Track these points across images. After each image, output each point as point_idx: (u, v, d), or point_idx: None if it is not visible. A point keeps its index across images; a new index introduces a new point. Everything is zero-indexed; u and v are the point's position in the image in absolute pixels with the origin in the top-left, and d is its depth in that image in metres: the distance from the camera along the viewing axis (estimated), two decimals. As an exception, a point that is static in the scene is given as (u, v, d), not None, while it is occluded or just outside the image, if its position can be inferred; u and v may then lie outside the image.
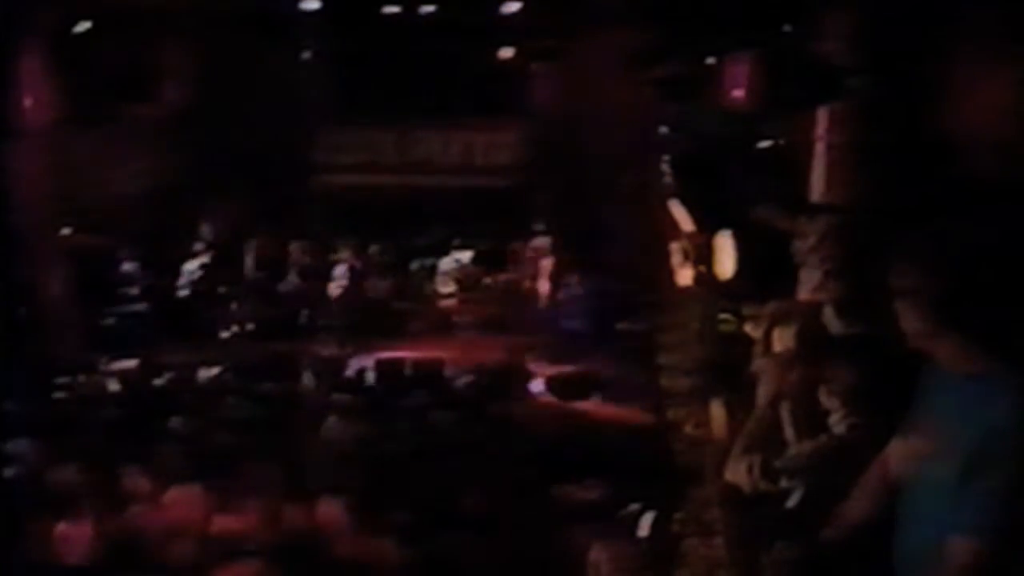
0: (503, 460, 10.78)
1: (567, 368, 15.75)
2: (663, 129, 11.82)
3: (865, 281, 7.46)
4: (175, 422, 11.84)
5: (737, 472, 6.69)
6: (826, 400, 6.66)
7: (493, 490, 9.77)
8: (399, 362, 15.79)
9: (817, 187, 8.55)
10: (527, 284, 20.47)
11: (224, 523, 8.74)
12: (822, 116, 8.51)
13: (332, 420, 12.06)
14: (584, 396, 14.51)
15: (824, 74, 8.19)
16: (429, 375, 15.07)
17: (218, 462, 10.15)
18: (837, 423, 6.57)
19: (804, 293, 8.31)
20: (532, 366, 15.90)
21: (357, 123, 22.55)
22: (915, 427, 4.34)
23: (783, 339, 6.96)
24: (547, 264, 19.91)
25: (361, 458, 10.67)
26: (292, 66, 22.00)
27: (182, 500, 9.04)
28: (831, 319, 7.64)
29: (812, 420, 6.69)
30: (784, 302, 7.80)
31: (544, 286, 19.84)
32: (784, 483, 6.63)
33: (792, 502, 6.52)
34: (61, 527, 8.56)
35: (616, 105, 16.95)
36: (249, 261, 20.30)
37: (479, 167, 22.77)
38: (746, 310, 9.03)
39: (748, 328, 8.60)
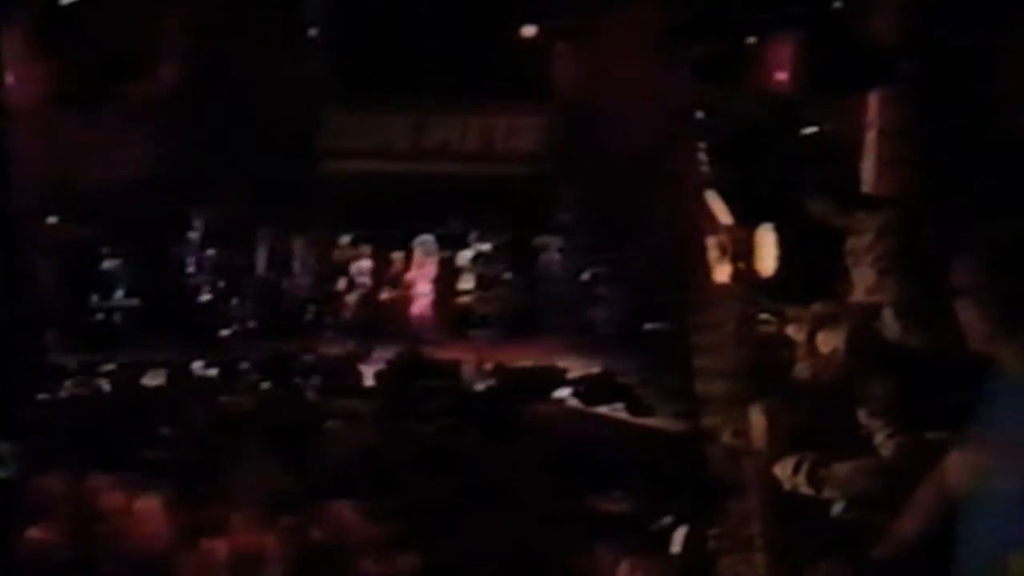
0: (523, 469, 10.79)
1: (593, 370, 15.75)
2: (698, 114, 11.79)
3: (926, 281, 7.45)
4: (167, 427, 11.90)
5: (784, 468, 6.72)
6: (866, 420, 6.67)
7: (512, 502, 9.78)
8: (413, 363, 15.81)
9: (867, 178, 8.53)
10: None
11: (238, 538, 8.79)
12: (873, 101, 8.50)
13: (339, 425, 12.09)
14: (611, 400, 14.50)
15: (875, 55, 8.17)
16: (445, 377, 15.09)
17: (213, 470, 10.20)
18: (883, 442, 6.58)
19: (858, 294, 8.27)
20: (555, 368, 15.91)
21: (367, 106, 22.59)
22: (976, 439, 4.33)
23: (829, 342, 6.97)
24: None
25: (369, 465, 10.69)
26: (296, 43, 21.99)
27: (155, 512, 9.10)
28: (889, 322, 7.61)
29: (852, 433, 6.72)
30: (830, 303, 7.80)
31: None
32: (828, 493, 6.65)
33: (836, 512, 6.54)
34: (30, 534, 8.63)
35: (647, 87, 16.88)
36: (262, 255, 20.34)
37: (499, 154, 22.81)
38: (788, 311, 9.02)
39: (790, 330, 8.61)
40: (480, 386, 14.86)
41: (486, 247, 21.54)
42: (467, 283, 21.11)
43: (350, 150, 22.51)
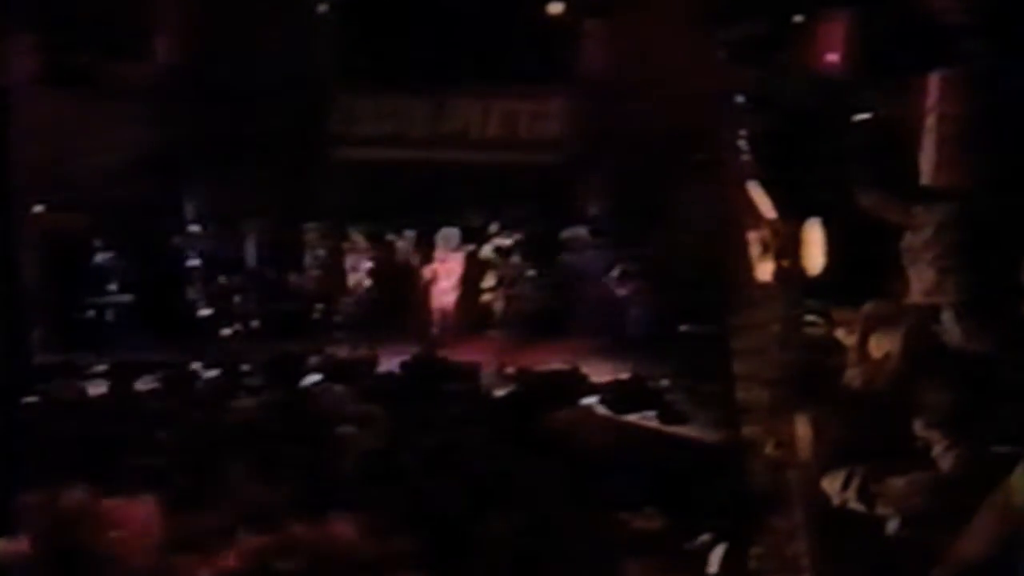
0: (546, 482, 10.77)
1: (622, 375, 15.73)
2: (739, 99, 11.75)
3: (990, 281, 7.40)
4: (161, 435, 11.92)
5: (833, 482, 6.69)
6: (923, 430, 6.64)
7: (534, 517, 9.76)
8: (429, 366, 15.83)
9: (926, 168, 8.47)
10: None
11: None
12: (933, 84, 8.43)
13: (347, 432, 12.10)
14: (641, 408, 14.47)
15: (938, 33, 8.11)
16: (462, 381, 15.09)
17: (210, 482, 10.22)
18: (941, 455, 6.55)
19: (915, 295, 8.21)
20: (581, 372, 15.90)
21: (380, 88, 22.56)
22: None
23: (882, 347, 6.93)
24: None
25: (379, 476, 10.69)
26: (304, 20, 21.98)
27: (145, 526, 9.13)
28: (949, 325, 7.55)
29: (907, 446, 6.69)
30: (884, 304, 7.75)
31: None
32: (880, 510, 6.63)
33: (889, 530, 6.52)
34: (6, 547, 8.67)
35: (683, 69, 16.86)
36: (251, 247, 20.36)
37: (523, 141, 22.78)
38: (838, 313, 8.98)
39: (840, 334, 8.56)
40: (500, 391, 14.83)
41: (508, 241, 21.49)
42: (488, 280, 21.06)
43: (362, 136, 22.51)
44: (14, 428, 12.02)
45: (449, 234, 20.42)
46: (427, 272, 20.21)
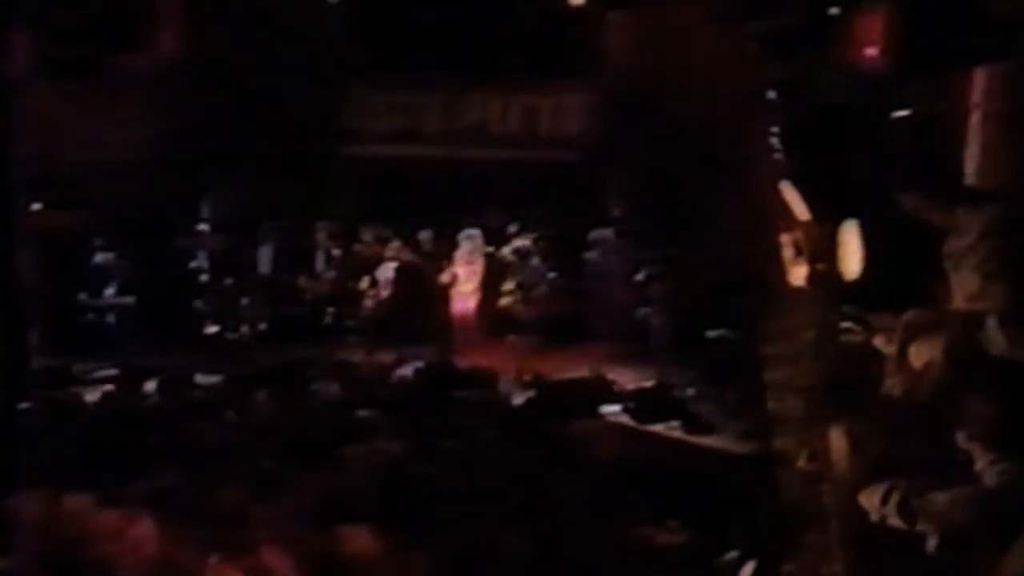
0: (566, 494, 10.77)
1: (647, 383, 15.73)
2: (771, 94, 11.75)
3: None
4: (164, 444, 11.93)
5: (872, 497, 6.69)
6: (965, 443, 6.63)
7: (553, 532, 9.76)
8: (444, 372, 15.84)
9: (970, 168, 8.47)
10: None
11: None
12: (978, 79, 8.43)
13: (359, 442, 12.11)
14: (666, 418, 14.47)
15: (981, 28, 8.11)
16: (480, 388, 15.10)
17: (217, 492, 10.23)
18: (985, 470, 6.55)
19: (958, 301, 8.20)
20: (604, 380, 15.90)
21: (393, 82, 22.55)
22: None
23: (923, 355, 6.93)
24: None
25: (393, 488, 10.70)
26: (314, 11, 22.00)
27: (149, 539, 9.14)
28: (994, 333, 7.54)
29: (949, 459, 6.68)
30: (925, 311, 7.75)
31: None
32: (921, 526, 6.63)
33: (930, 548, 6.52)
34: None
35: (713, 63, 16.86)
36: (266, 250, 20.37)
37: (543, 138, 22.75)
38: (876, 320, 8.98)
39: (879, 341, 8.57)
40: (519, 399, 14.84)
41: (527, 243, 21.49)
42: (507, 283, 21.10)
43: (374, 132, 22.45)
44: (11, 435, 12.08)
45: (472, 235, 20.40)
46: (447, 275, 20.19)
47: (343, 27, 22.21)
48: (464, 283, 20.14)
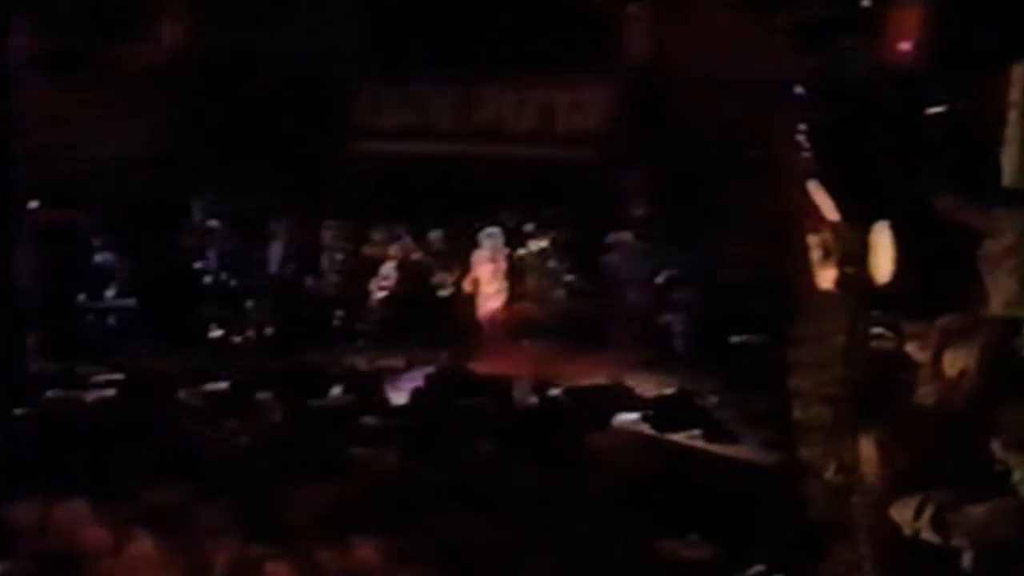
0: (583, 507, 10.75)
1: (667, 390, 15.69)
2: (799, 89, 11.69)
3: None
4: (167, 449, 11.93)
5: (904, 510, 6.66)
6: (1002, 454, 6.59)
7: (570, 545, 9.74)
8: (455, 378, 15.81)
9: (1008, 168, 8.40)
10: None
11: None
12: (1016, 76, 8.36)
13: (366, 450, 12.11)
14: (688, 426, 14.43)
15: (1019, 23, 8.06)
16: (493, 395, 15.06)
17: (220, 503, 10.23)
18: (1022, 481, 6.51)
19: (995, 307, 8.14)
20: (623, 387, 15.87)
21: (405, 77, 22.51)
22: None
23: (957, 362, 6.89)
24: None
25: (400, 498, 10.69)
26: (324, 2, 21.98)
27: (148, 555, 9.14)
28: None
29: (985, 470, 6.64)
30: (960, 316, 7.70)
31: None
32: (956, 540, 6.59)
33: (966, 563, 6.48)
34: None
35: (737, 57, 16.81)
36: (277, 250, 20.37)
37: (560, 134, 22.69)
38: (909, 325, 8.92)
39: (911, 348, 8.51)
40: (534, 407, 14.79)
41: (544, 243, 21.45)
42: (523, 285, 21.06)
43: (386, 128, 22.41)
44: (10, 439, 12.09)
45: (492, 232, 20.37)
46: (468, 283, 20.17)
47: (353, 19, 22.19)
48: (488, 283, 20.11)
